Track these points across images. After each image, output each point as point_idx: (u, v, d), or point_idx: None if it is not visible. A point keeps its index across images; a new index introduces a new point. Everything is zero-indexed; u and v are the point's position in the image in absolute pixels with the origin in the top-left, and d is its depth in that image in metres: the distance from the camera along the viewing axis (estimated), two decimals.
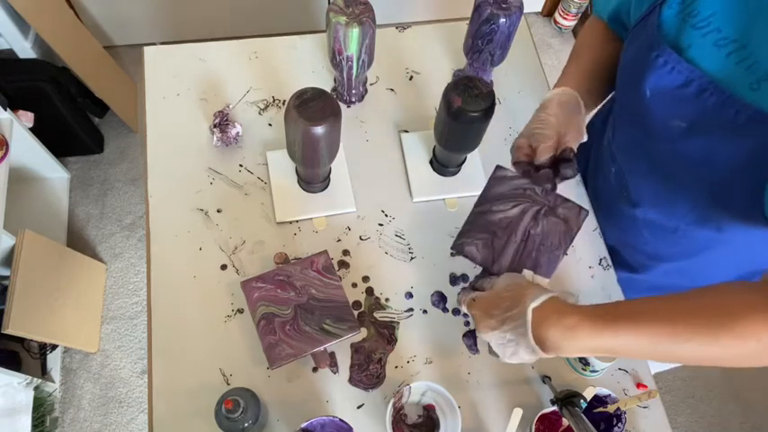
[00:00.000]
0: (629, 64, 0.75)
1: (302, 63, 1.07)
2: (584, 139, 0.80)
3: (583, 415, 0.72)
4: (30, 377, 1.54)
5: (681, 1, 0.65)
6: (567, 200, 0.76)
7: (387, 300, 0.88)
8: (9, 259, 1.45)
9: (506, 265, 0.73)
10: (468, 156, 0.97)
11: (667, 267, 0.89)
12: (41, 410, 1.60)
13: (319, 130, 0.75)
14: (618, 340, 0.58)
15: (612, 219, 0.93)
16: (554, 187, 0.77)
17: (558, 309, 0.61)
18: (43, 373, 1.64)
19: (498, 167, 0.78)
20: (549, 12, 2.43)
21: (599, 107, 0.93)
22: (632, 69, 0.73)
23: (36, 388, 1.58)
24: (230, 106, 0.99)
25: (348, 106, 1.03)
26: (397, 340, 0.86)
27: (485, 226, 0.75)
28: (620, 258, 0.95)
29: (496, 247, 0.74)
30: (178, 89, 1.02)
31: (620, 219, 0.90)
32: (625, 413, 0.78)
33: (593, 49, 0.88)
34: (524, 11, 0.89)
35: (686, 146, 0.68)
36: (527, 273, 0.73)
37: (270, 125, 1.00)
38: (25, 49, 1.69)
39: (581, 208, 0.75)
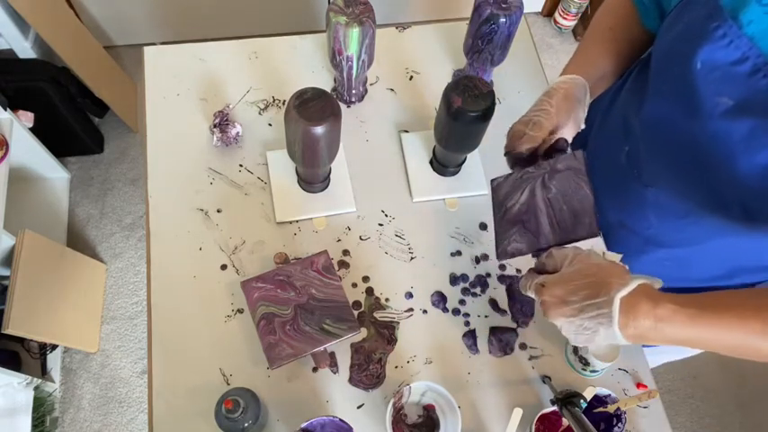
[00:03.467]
0: (679, 34, 0.71)
1: (302, 63, 1.07)
2: (582, 128, 0.79)
3: (583, 415, 0.72)
4: (30, 377, 1.53)
5: None
6: (558, 155, 0.76)
7: (387, 300, 0.88)
8: (9, 259, 1.45)
9: (549, 232, 0.74)
10: (468, 156, 0.97)
11: (663, 255, 0.87)
12: (41, 410, 1.60)
13: (319, 130, 0.75)
14: (709, 333, 0.58)
15: (614, 200, 0.91)
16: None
17: (651, 297, 0.60)
18: (43, 373, 1.64)
19: (493, 180, 0.79)
20: (549, 12, 2.43)
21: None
22: (682, 40, 0.70)
23: (36, 388, 1.58)
24: (230, 106, 0.99)
25: (348, 106, 1.03)
26: (397, 340, 0.86)
27: (511, 223, 0.77)
28: (610, 242, 0.93)
29: (531, 229, 0.75)
30: (178, 89, 1.02)
31: (624, 200, 0.88)
32: (625, 413, 0.78)
33: (616, 31, 0.85)
34: (524, 11, 0.89)
35: (728, 125, 0.66)
36: (597, 248, 0.71)
37: (270, 125, 1.00)
38: (25, 49, 1.69)
39: (574, 152, 0.75)
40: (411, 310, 0.88)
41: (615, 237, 0.93)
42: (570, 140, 0.77)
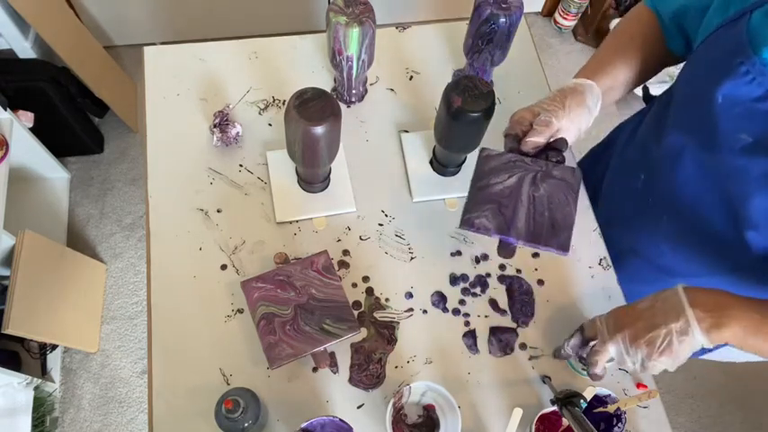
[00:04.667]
0: (703, 67, 0.72)
1: (302, 63, 1.07)
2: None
3: (583, 415, 0.72)
4: (30, 377, 1.54)
5: None
6: (556, 163, 0.76)
7: (387, 300, 0.88)
8: (9, 259, 1.45)
9: (523, 228, 0.73)
10: (469, 156, 0.97)
11: (676, 284, 0.88)
12: (41, 410, 1.60)
13: (319, 130, 0.75)
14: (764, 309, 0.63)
15: (628, 228, 0.91)
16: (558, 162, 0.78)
17: (704, 289, 0.66)
18: (43, 373, 1.64)
19: (483, 149, 0.78)
20: (549, 12, 2.43)
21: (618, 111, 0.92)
22: (706, 73, 0.70)
23: (36, 388, 1.58)
24: (230, 106, 0.99)
25: (348, 106, 1.03)
26: (397, 340, 0.86)
27: (488, 198, 0.75)
28: (622, 270, 0.94)
29: (506, 214, 0.74)
30: (178, 89, 1.02)
31: (639, 228, 0.88)
32: (625, 413, 0.78)
33: (637, 42, 0.84)
34: (524, 11, 0.89)
35: (746, 162, 0.66)
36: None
37: (270, 125, 1.00)
38: (25, 49, 1.69)
39: (573, 168, 0.76)
40: (411, 310, 0.88)
41: (628, 264, 0.93)
42: (570, 144, 0.77)
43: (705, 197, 0.75)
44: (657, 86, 0.86)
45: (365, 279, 0.89)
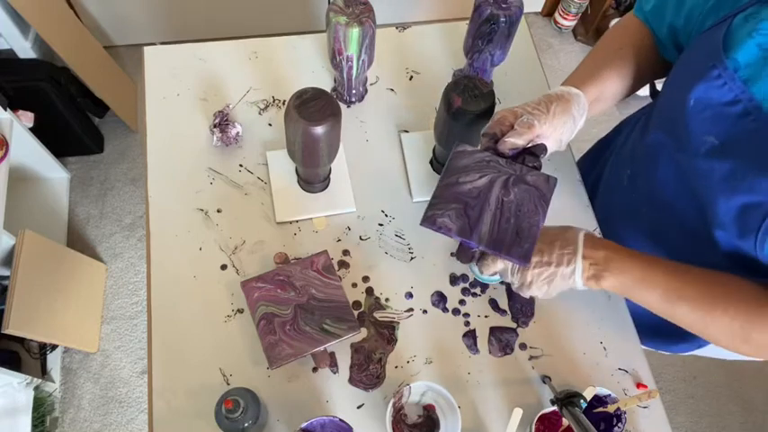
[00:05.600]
0: (680, 69, 0.73)
1: (302, 63, 1.07)
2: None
3: (583, 415, 0.72)
4: (30, 377, 1.53)
5: (754, 14, 0.63)
6: (531, 168, 0.73)
7: (387, 300, 0.88)
8: (9, 259, 1.45)
9: (486, 233, 0.69)
10: None
11: None
12: (41, 410, 1.60)
13: (319, 130, 0.75)
14: (644, 274, 0.69)
15: (621, 221, 0.92)
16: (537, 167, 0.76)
17: (601, 241, 0.72)
18: (43, 373, 1.64)
19: (459, 143, 0.75)
20: (549, 12, 2.43)
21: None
22: (682, 75, 0.71)
23: (36, 388, 1.58)
24: (230, 106, 0.99)
25: (348, 106, 1.03)
26: (397, 340, 0.86)
27: (454, 197, 0.71)
28: None
29: (471, 216, 0.70)
30: (178, 89, 1.02)
31: (629, 222, 0.89)
32: (625, 413, 0.78)
33: (627, 51, 0.84)
34: (524, 11, 0.89)
35: (711, 164, 0.67)
36: None
37: (270, 125, 1.00)
38: (25, 49, 1.69)
39: (548, 176, 0.73)
40: (411, 310, 0.88)
41: None
42: (549, 152, 0.76)
43: (680, 196, 0.76)
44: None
45: (365, 279, 0.89)
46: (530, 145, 0.74)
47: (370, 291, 0.88)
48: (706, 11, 0.72)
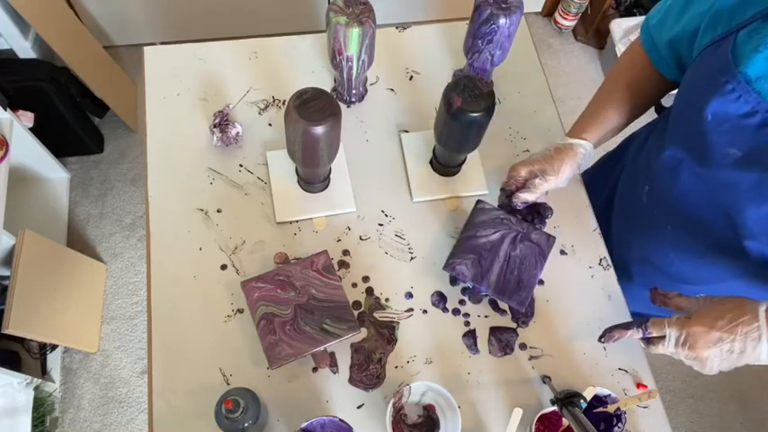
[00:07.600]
0: (693, 85, 0.74)
1: (302, 63, 1.07)
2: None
3: (583, 415, 0.72)
4: (30, 377, 1.53)
5: (758, 30, 0.64)
6: (536, 228, 0.88)
7: (387, 300, 0.88)
8: (9, 259, 1.45)
9: (494, 281, 0.83)
10: (468, 156, 0.97)
11: (689, 291, 0.87)
12: (41, 410, 1.60)
13: (319, 130, 0.75)
14: None
15: (639, 238, 0.93)
16: (540, 222, 0.90)
17: None
18: (43, 373, 1.64)
19: (479, 201, 0.89)
20: (549, 12, 2.43)
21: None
22: (696, 91, 0.72)
23: (36, 388, 1.58)
24: (230, 106, 0.99)
25: (348, 106, 1.03)
26: (397, 340, 0.86)
27: (472, 249, 0.85)
28: (637, 278, 0.95)
29: (483, 266, 0.84)
30: (178, 89, 1.02)
31: (648, 238, 0.90)
32: (625, 413, 0.78)
33: (633, 89, 0.88)
34: (524, 11, 0.89)
35: (737, 175, 0.69)
36: None
37: (270, 125, 1.00)
38: (25, 49, 1.69)
39: (549, 235, 0.87)
40: (411, 310, 0.88)
41: (642, 272, 0.96)
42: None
43: (704, 208, 0.77)
44: (669, 98, 0.89)
45: (365, 279, 0.89)
46: (539, 201, 0.88)
47: (370, 291, 0.88)
48: (703, 26, 0.74)
